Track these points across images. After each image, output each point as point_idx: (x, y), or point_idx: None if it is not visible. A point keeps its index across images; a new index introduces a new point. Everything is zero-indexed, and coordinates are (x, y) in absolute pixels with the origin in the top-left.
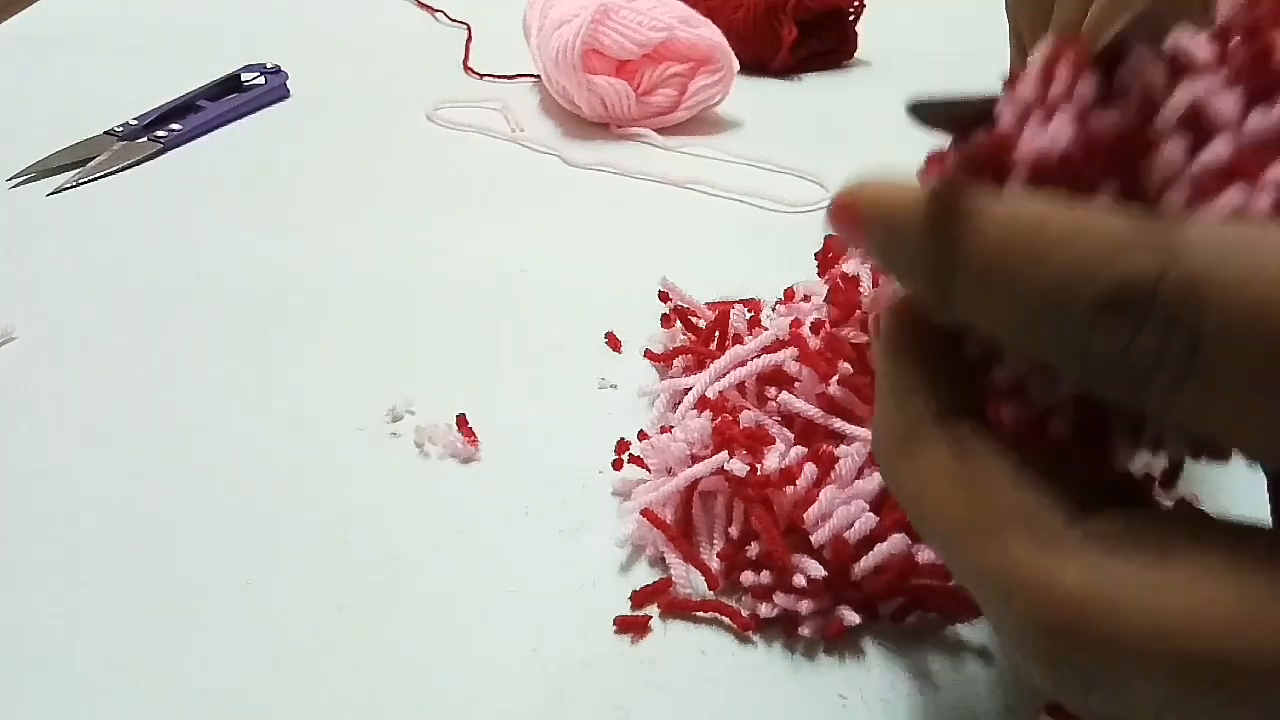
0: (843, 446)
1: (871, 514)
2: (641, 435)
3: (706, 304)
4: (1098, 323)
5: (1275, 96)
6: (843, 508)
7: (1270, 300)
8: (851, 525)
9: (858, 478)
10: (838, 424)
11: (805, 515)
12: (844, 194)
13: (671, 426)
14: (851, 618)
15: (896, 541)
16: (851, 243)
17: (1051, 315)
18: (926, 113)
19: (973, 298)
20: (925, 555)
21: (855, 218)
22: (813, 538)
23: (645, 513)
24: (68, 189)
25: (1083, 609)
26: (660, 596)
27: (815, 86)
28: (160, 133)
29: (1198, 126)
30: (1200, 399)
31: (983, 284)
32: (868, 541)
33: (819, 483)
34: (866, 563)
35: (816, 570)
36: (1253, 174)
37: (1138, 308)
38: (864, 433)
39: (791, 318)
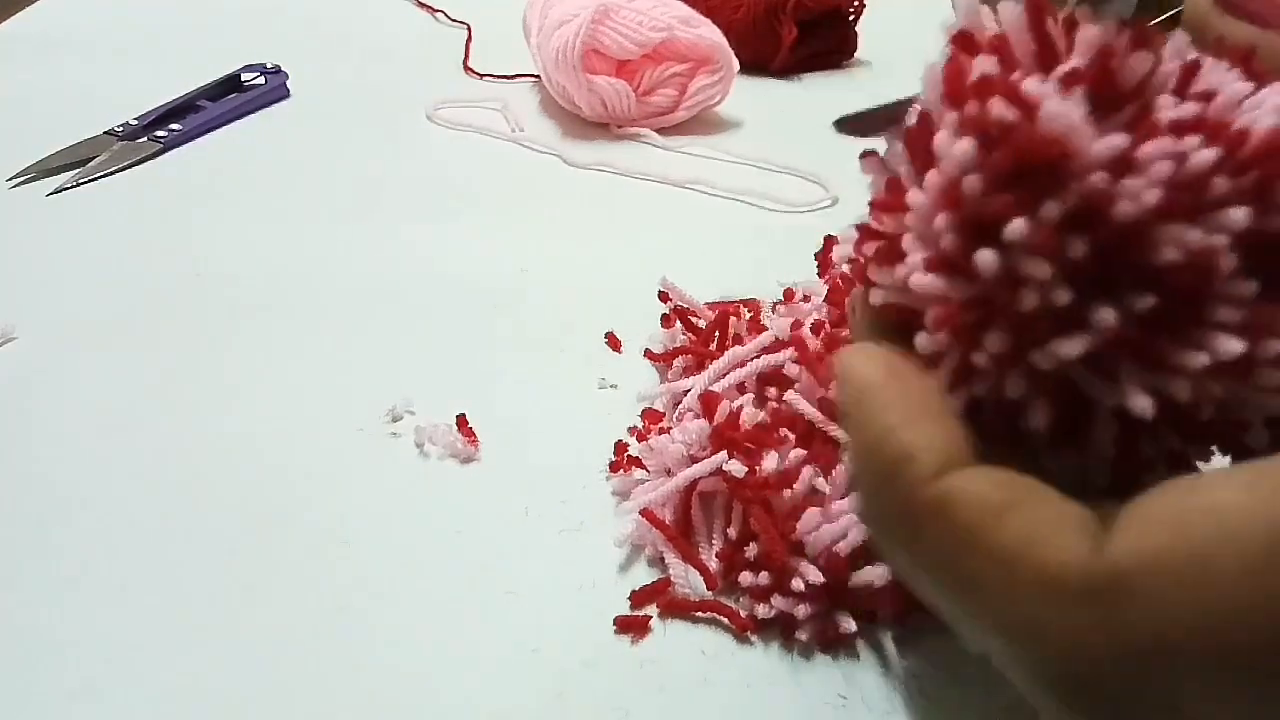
0: (840, 452)
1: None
2: (640, 436)
3: (706, 304)
4: (1044, 695)
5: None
6: (828, 525)
7: (1257, 636)
8: (844, 537)
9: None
10: (836, 430)
11: (797, 527)
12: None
13: (669, 428)
14: (849, 625)
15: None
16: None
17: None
18: (847, 124)
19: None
20: None
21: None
22: (806, 550)
23: (644, 513)
24: (68, 189)
25: (1129, 578)
26: (659, 596)
27: (815, 86)
28: (160, 133)
29: None
30: None
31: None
32: (861, 552)
33: (814, 489)
34: (860, 578)
35: (815, 576)
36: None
37: (1087, 689)
38: None
39: (791, 318)
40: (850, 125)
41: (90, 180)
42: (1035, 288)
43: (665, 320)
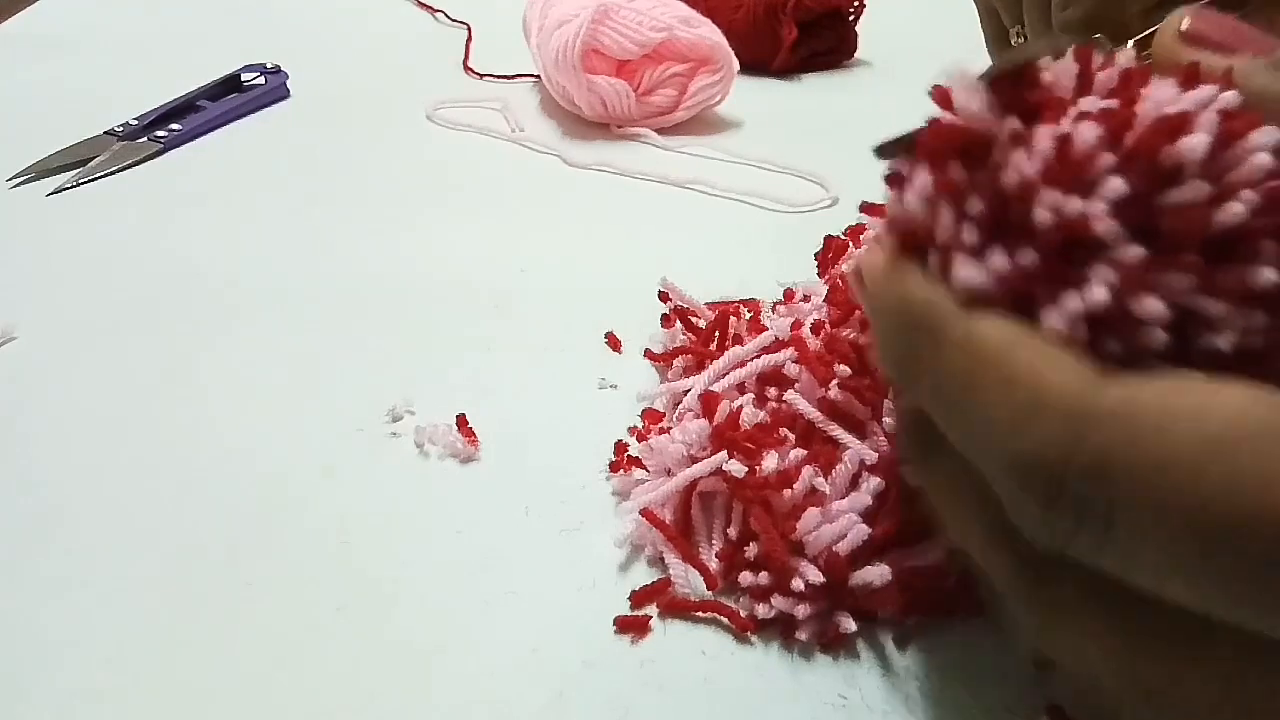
0: (840, 452)
1: (864, 526)
2: (640, 436)
3: (706, 304)
4: (1012, 486)
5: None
6: (828, 525)
7: (1181, 488)
8: (843, 538)
9: (853, 487)
10: (835, 430)
11: (797, 527)
12: (854, 266)
13: (669, 428)
14: (849, 625)
15: (891, 558)
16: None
17: (981, 459)
18: (889, 150)
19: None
20: (922, 559)
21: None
22: (806, 550)
23: (644, 513)
24: (68, 189)
25: (1122, 412)
26: (659, 596)
27: (815, 86)
28: (160, 133)
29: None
30: (1121, 562)
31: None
32: (861, 552)
33: (814, 489)
34: (860, 578)
35: (815, 576)
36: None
37: (1044, 484)
38: (859, 442)
39: (791, 318)
40: (893, 150)
41: (90, 180)
42: (945, 226)
43: (665, 320)
